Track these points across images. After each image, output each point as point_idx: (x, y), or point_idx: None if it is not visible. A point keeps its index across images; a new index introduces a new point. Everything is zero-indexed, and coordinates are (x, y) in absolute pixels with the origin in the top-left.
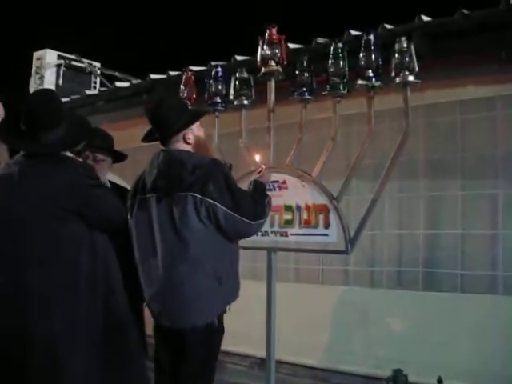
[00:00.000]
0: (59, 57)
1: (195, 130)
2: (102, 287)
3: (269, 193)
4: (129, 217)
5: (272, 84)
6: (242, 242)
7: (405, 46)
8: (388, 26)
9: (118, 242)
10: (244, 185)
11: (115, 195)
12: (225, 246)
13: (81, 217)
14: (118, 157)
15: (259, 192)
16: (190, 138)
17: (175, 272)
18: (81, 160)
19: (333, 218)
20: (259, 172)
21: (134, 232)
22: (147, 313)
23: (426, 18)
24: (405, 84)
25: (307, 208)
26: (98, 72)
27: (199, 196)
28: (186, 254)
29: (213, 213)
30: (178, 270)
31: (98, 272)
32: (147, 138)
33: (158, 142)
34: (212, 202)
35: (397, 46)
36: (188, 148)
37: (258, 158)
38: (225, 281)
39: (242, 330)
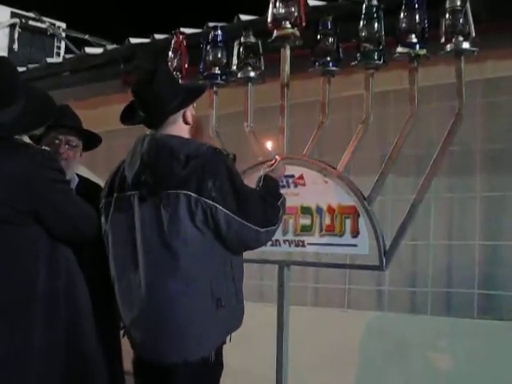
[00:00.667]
0: (13, 14)
1: (192, 109)
2: (64, 311)
3: (282, 190)
4: (103, 221)
5: (287, 52)
6: (246, 254)
7: (458, 3)
8: None
9: (87, 254)
10: (251, 182)
11: (85, 194)
12: (225, 259)
13: (38, 221)
14: (90, 142)
15: (271, 190)
16: (189, 117)
17: (162, 291)
18: (44, 148)
19: (363, 223)
20: (272, 165)
21: (109, 240)
22: (125, 343)
23: None
24: (458, 53)
25: (330, 210)
26: (63, 34)
27: (194, 195)
28: (175, 267)
29: (211, 216)
30: (165, 289)
31: (60, 291)
32: (130, 118)
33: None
34: (211, 202)
35: (448, 4)
36: (185, 131)
37: (269, 145)
38: (225, 303)
39: (245, 366)
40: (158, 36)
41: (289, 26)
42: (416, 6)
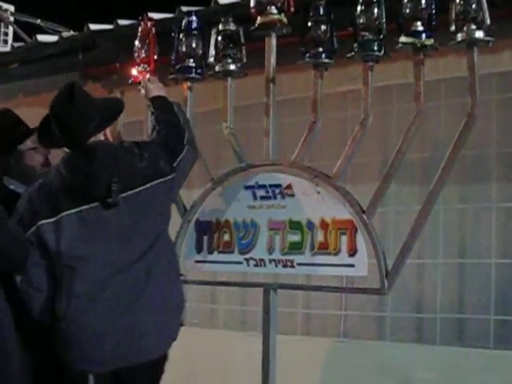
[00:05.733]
0: None
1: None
2: None
3: (267, 202)
4: (52, 239)
5: (272, 41)
6: (226, 277)
7: None
8: None
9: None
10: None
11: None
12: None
13: None
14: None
15: (167, 113)
16: (109, 134)
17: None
18: None
19: (361, 240)
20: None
21: (75, 264)
22: None
23: None
24: (470, 43)
25: (323, 225)
26: (11, 19)
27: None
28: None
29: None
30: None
31: None
32: (52, 141)
33: None
34: (172, 176)
35: None
36: None
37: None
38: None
39: None
40: (121, 22)
41: (275, 11)
42: None
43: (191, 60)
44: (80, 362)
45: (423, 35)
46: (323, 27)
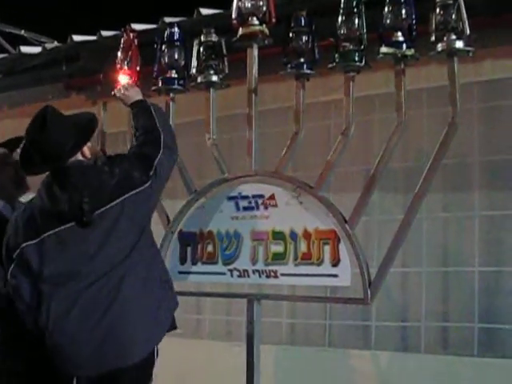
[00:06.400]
0: None
1: (88, 142)
2: None
3: (250, 212)
4: (36, 262)
5: (254, 52)
6: (211, 287)
7: None
8: None
9: None
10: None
11: None
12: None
13: None
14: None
15: (144, 118)
16: (86, 151)
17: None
18: None
19: (344, 250)
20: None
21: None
22: None
23: None
24: (451, 53)
25: (306, 236)
26: None
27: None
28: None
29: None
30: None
31: None
32: (33, 168)
33: None
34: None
35: None
36: None
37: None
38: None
39: None
40: (105, 33)
41: (256, 22)
42: None
43: (173, 71)
44: (64, 367)
45: (404, 45)
46: (305, 38)
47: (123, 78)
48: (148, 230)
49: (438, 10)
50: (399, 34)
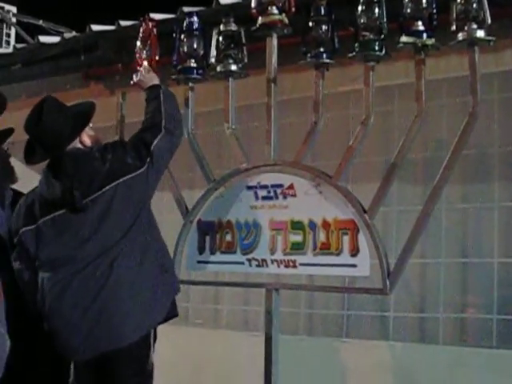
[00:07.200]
0: None
1: (87, 130)
2: None
3: (269, 202)
4: (33, 247)
5: (273, 42)
6: (229, 277)
7: None
8: None
9: None
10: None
11: None
12: (148, 215)
13: None
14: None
15: (152, 103)
16: (86, 139)
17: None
18: None
19: (363, 240)
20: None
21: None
22: None
23: None
24: (471, 43)
25: (325, 225)
26: (13, 20)
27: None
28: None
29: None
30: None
31: None
32: (33, 157)
33: None
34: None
35: None
36: None
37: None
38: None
39: None
40: (123, 23)
41: (276, 11)
42: None
43: (192, 60)
44: (61, 350)
45: (424, 35)
46: (324, 27)
47: (142, 66)
48: (144, 215)
49: (459, 0)
50: (419, 23)
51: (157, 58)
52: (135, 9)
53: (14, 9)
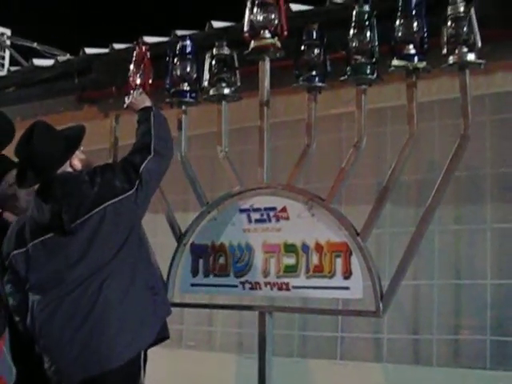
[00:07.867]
0: None
1: (78, 154)
2: None
3: (262, 225)
4: (23, 269)
5: (266, 65)
6: (223, 300)
7: (462, 10)
8: None
9: None
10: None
11: None
12: (138, 236)
13: None
14: None
15: (142, 125)
16: (77, 163)
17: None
18: None
19: (356, 263)
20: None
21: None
22: None
23: None
24: (462, 65)
25: (318, 248)
26: (8, 43)
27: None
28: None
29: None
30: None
31: None
32: (25, 181)
33: None
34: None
35: (450, 11)
36: None
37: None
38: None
39: None
40: (117, 46)
41: (268, 35)
42: (413, 12)
43: (186, 84)
44: (52, 373)
45: (415, 58)
46: (316, 51)
47: (134, 89)
48: (134, 237)
49: (449, 23)
50: (411, 46)
51: (150, 81)
52: (129, 32)
53: (8, 31)
